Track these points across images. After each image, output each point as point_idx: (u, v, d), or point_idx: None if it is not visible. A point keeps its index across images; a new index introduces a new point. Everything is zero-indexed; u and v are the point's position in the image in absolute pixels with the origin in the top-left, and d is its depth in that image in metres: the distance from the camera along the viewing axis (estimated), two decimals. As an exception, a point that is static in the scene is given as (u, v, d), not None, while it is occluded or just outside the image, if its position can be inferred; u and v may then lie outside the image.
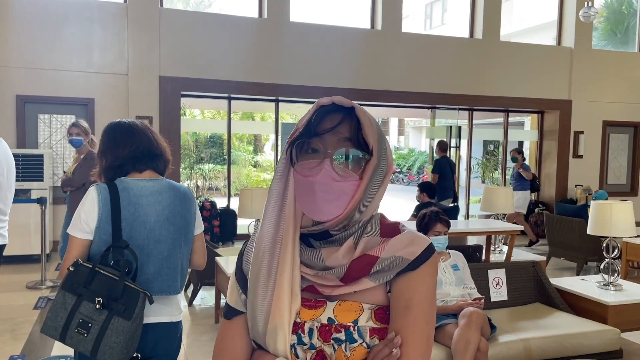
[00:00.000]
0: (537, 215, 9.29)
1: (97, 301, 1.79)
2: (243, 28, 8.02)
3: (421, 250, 0.97)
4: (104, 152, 2.03)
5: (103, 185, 1.95)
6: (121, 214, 1.91)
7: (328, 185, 0.93)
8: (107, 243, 1.89)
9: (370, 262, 0.96)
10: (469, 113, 9.90)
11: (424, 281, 0.97)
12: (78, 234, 1.91)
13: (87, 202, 1.92)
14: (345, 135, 0.96)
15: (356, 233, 0.99)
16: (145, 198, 1.96)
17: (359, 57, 8.56)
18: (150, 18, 7.51)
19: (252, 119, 15.42)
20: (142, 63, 7.51)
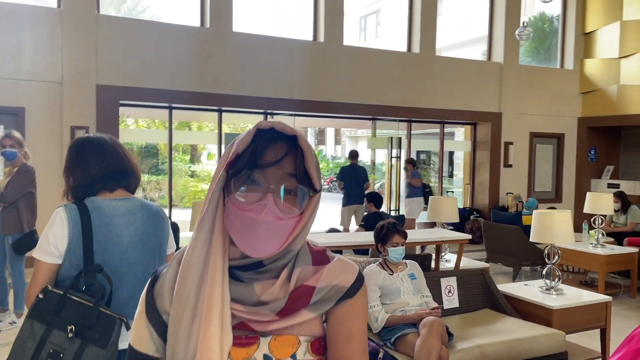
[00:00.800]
0: (472, 222, 9.71)
1: (69, 329, 1.68)
2: (185, 37, 7.87)
3: (354, 277, 0.98)
4: (70, 169, 1.92)
5: (72, 205, 1.83)
6: (93, 235, 1.80)
7: (271, 224, 0.89)
8: (77, 267, 1.78)
9: (307, 292, 0.93)
10: (407, 124, 10.21)
11: (362, 308, 0.99)
12: (46, 258, 1.79)
13: (56, 224, 1.80)
14: (290, 171, 0.91)
15: (289, 263, 0.95)
16: (117, 218, 1.86)
17: (302, 69, 8.62)
18: (86, 24, 7.21)
19: (188, 129, 15.11)
20: (77, 71, 7.18)
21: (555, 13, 11.62)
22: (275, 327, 0.93)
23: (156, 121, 13.66)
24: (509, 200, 10.07)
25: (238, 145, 0.92)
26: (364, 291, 1.00)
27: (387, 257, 3.49)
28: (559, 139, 11.04)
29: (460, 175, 15.12)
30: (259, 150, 0.91)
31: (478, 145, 10.55)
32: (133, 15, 10.94)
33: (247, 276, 0.93)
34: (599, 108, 10.71)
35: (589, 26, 10.79)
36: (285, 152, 0.91)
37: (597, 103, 10.73)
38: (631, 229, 7.41)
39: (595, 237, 6.11)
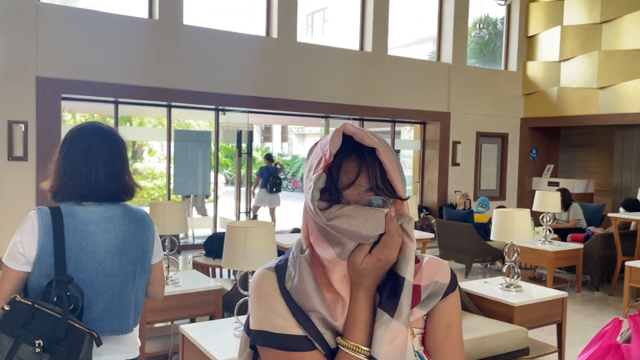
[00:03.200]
0: (422, 219, 9.88)
1: (37, 344, 1.54)
2: (132, 29, 7.53)
3: (449, 273, 1.05)
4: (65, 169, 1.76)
5: (45, 209, 1.70)
6: (65, 243, 1.66)
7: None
8: (48, 276, 1.65)
9: (416, 291, 1.00)
10: (359, 123, 10.25)
11: (458, 302, 1.07)
12: (13, 264, 1.66)
13: (26, 229, 1.68)
14: (366, 186, 0.93)
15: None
16: (94, 225, 1.73)
17: (255, 65, 8.47)
18: (25, 12, 6.75)
19: (129, 124, 14.56)
20: (15, 61, 6.72)
21: (500, 16, 12.02)
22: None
23: (95, 115, 13.08)
24: (457, 198, 10.33)
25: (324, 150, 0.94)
26: (458, 286, 1.09)
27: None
28: (503, 138, 11.43)
29: (407, 173, 15.42)
30: (336, 174, 0.93)
31: (427, 144, 10.76)
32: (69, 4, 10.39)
33: None
34: (540, 109, 11.17)
35: (532, 30, 11.23)
36: (358, 170, 0.93)
37: (539, 104, 11.19)
38: (573, 225, 7.77)
39: (542, 233, 6.34)
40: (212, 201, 9.41)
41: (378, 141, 0.93)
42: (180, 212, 3.91)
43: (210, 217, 9.34)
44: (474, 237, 6.81)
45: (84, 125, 1.84)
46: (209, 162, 8.98)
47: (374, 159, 0.93)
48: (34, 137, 6.84)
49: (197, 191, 9.43)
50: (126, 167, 1.85)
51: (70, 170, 1.74)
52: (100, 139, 1.79)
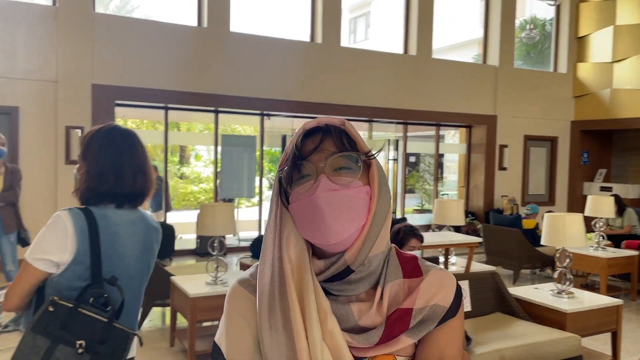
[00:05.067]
0: (467, 224, 9.72)
1: (78, 345, 1.56)
2: (182, 36, 7.76)
3: (453, 292, 0.89)
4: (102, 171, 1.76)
5: (77, 210, 1.69)
6: (101, 246, 1.68)
7: (331, 196, 0.82)
8: (82, 278, 1.65)
9: (404, 316, 0.85)
10: (403, 127, 10.20)
11: (460, 330, 0.90)
12: (39, 264, 1.65)
13: (58, 231, 1.65)
14: (332, 150, 0.86)
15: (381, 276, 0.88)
16: (123, 228, 1.75)
17: (299, 70, 8.57)
18: (82, 23, 7.07)
19: (177, 129, 14.96)
20: (73, 70, 7.04)
21: (548, 17, 11.72)
22: (373, 353, 0.86)
23: (145, 122, 13.49)
24: (504, 203, 10.11)
25: (286, 149, 0.91)
26: (462, 309, 0.90)
27: (403, 260, 3.44)
28: (552, 142, 11.12)
29: (451, 177, 15.20)
30: (298, 143, 0.88)
31: (473, 147, 10.59)
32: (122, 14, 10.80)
33: (335, 287, 0.86)
34: (591, 111, 10.81)
35: (582, 30, 10.89)
36: (322, 137, 0.88)
37: (590, 106, 10.83)
38: (627, 231, 7.47)
39: (594, 240, 6.13)
40: (257, 204, 9.55)
41: (344, 120, 0.90)
42: (228, 213, 4.01)
43: (255, 219, 9.48)
44: (522, 242, 6.65)
45: (105, 127, 1.82)
46: (254, 166, 9.14)
47: (340, 130, 0.89)
48: (89, 142, 7.13)
49: (242, 194, 9.61)
50: (150, 167, 1.86)
51: (100, 173, 1.74)
52: (125, 141, 1.80)
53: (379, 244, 0.86)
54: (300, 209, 0.85)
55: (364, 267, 0.85)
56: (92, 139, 1.80)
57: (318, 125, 0.89)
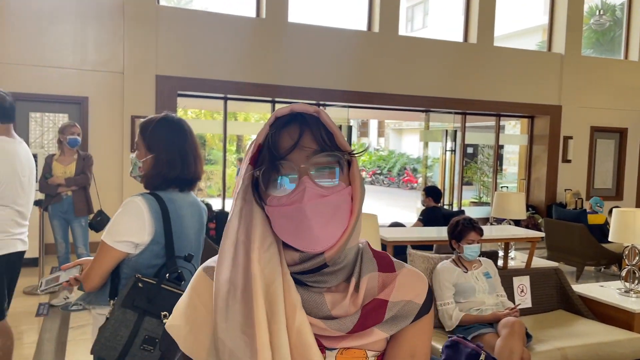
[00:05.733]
0: (528, 218, 9.42)
1: (163, 315, 1.73)
2: (241, 27, 7.89)
3: (426, 290, 0.89)
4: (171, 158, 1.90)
5: (149, 196, 1.85)
6: (171, 226, 1.85)
7: (319, 204, 0.78)
8: (158, 256, 1.84)
9: (380, 307, 0.83)
10: (461, 117, 9.97)
11: (430, 327, 0.90)
12: (119, 245, 1.80)
13: (135, 215, 1.81)
14: (313, 147, 0.81)
15: (355, 268, 0.86)
16: (185, 209, 1.92)
17: (356, 59, 8.53)
18: (147, 15, 7.32)
19: (235, 119, 15.27)
20: (138, 61, 7.31)
21: (618, 2, 11.09)
22: (345, 344, 0.84)
23: (203, 111, 13.84)
24: (568, 197, 9.72)
25: (258, 136, 0.84)
26: (432, 307, 0.92)
27: (461, 254, 3.39)
28: (622, 133, 10.56)
29: (511, 170, 14.74)
30: (273, 139, 0.82)
31: (535, 139, 10.21)
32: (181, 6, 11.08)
33: (310, 279, 0.83)
34: (666, 102, 10.18)
35: (658, 15, 10.24)
36: (300, 132, 0.82)
37: (664, 96, 10.19)
38: None
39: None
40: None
41: (318, 109, 0.84)
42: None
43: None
44: (588, 238, 6.37)
45: (166, 117, 1.95)
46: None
47: (317, 122, 0.83)
48: (153, 131, 7.41)
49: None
50: (200, 154, 2.01)
51: (170, 160, 1.88)
52: (186, 130, 1.95)
53: (354, 239, 0.85)
54: (280, 215, 0.81)
55: (339, 260, 0.83)
56: (158, 128, 1.93)
57: (292, 113, 0.84)
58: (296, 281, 0.83)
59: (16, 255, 3.02)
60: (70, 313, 4.78)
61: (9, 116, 3.00)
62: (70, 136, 4.95)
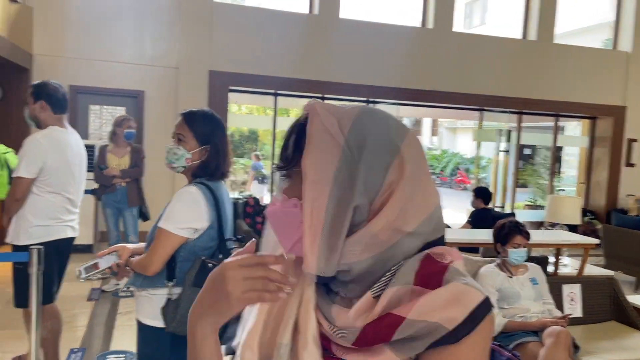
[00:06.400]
0: (585, 224, 8.99)
1: None
2: (293, 23, 7.93)
3: (466, 314, 0.70)
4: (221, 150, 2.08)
5: (202, 186, 2.03)
6: (221, 212, 2.06)
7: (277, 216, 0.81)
8: (213, 239, 2.03)
9: (392, 324, 0.71)
10: (517, 116, 9.63)
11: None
12: (180, 232, 1.97)
13: (194, 203, 1.99)
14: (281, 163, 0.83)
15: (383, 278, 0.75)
16: (226, 197, 2.13)
17: (408, 56, 8.39)
18: (202, 12, 7.48)
19: (287, 115, 15.42)
20: (192, 57, 7.48)
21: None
22: (351, 357, 0.75)
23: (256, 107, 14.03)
24: (631, 203, 9.20)
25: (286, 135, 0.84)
26: (478, 338, 0.71)
27: (506, 258, 3.26)
28: (693, 137, 9.87)
29: (569, 172, 14.12)
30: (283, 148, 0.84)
31: (597, 141, 9.72)
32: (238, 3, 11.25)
33: (333, 286, 0.80)
34: None
35: None
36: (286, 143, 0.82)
37: None
38: None
39: None
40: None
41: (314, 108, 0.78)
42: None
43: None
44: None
45: (207, 112, 2.12)
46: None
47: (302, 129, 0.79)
48: (204, 125, 7.57)
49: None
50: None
51: (222, 153, 2.08)
52: (223, 125, 2.13)
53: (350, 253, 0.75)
54: None
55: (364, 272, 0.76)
56: (206, 122, 2.08)
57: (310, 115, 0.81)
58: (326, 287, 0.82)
59: (66, 241, 3.16)
60: (119, 299, 4.96)
61: (62, 107, 3.13)
62: (127, 129, 5.14)
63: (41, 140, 3.00)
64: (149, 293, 2.01)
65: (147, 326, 2.03)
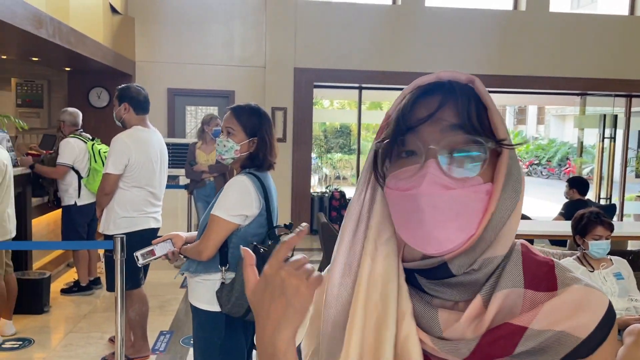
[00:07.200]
0: None
1: None
2: (376, 16, 7.89)
3: (597, 320, 0.64)
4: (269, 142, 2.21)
5: (252, 176, 2.16)
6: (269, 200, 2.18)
7: (438, 198, 0.63)
8: (262, 225, 2.16)
9: (513, 334, 0.64)
10: (626, 100, 8.82)
11: None
12: (236, 219, 2.11)
13: (245, 192, 2.12)
14: (452, 122, 0.66)
15: (490, 280, 0.67)
16: (272, 186, 2.24)
17: (498, 41, 8.01)
18: (286, 10, 7.69)
19: (380, 109, 15.35)
20: (278, 55, 7.72)
21: None
22: None
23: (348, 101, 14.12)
24: None
25: (391, 109, 0.72)
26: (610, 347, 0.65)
27: (586, 251, 3.04)
28: None
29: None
30: (406, 107, 0.68)
31: None
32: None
33: (430, 287, 0.69)
34: None
35: None
36: (440, 101, 0.67)
37: None
38: None
39: None
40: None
41: (474, 77, 0.69)
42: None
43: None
44: None
45: (254, 106, 2.25)
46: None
47: (469, 94, 0.67)
48: (290, 121, 7.80)
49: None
50: None
51: (266, 145, 2.20)
52: (269, 118, 2.25)
53: (495, 248, 0.67)
54: (396, 201, 0.68)
55: (471, 271, 0.67)
56: (254, 115, 2.21)
57: (438, 81, 0.69)
58: (412, 282, 0.70)
59: (149, 232, 3.43)
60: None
61: (144, 108, 3.40)
62: (216, 127, 5.44)
63: (126, 139, 3.29)
64: (202, 278, 2.14)
65: (202, 310, 2.16)
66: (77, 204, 4.62)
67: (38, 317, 4.33)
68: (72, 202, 4.62)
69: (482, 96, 0.68)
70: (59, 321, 4.41)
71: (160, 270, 5.76)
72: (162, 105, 7.57)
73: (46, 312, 4.45)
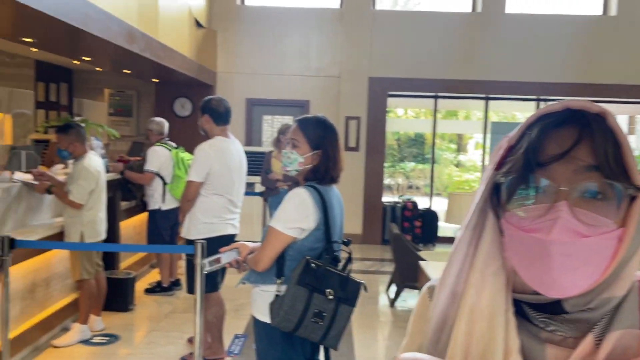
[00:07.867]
0: None
1: (328, 292, 2.01)
2: (453, 24, 7.76)
3: None
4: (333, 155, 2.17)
5: (312, 189, 2.12)
6: (328, 215, 2.13)
7: (571, 245, 0.59)
8: (319, 240, 2.12)
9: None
10: None
11: None
12: (291, 232, 2.09)
13: (303, 205, 2.09)
14: (588, 162, 0.61)
15: (604, 319, 0.64)
16: (334, 200, 2.19)
17: (584, 47, 7.63)
18: (362, 20, 7.74)
19: (455, 118, 15.03)
20: (353, 65, 7.78)
21: None
22: None
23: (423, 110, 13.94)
24: None
25: (511, 137, 0.67)
26: None
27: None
28: None
29: None
30: (535, 140, 0.63)
31: None
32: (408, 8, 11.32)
33: (540, 319, 0.66)
34: None
35: None
36: (577, 138, 0.62)
37: None
38: None
39: None
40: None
41: (605, 108, 0.63)
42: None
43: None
44: None
45: (320, 118, 2.22)
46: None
47: (604, 129, 0.62)
48: (364, 131, 7.82)
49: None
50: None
51: (334, 158, 2.17)
52: (335, 131, 2.22)
53: (614, 289, 0.64)
54: (517, 239, 0.64)
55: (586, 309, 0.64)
56: (320, 128, 2.20)
57: (566, 109, 0.64)
58: (518, 311, 0.67)
59: (228, 238, 3.56)
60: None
61: (224, 119, 3.55)
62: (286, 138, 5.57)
63: (207, 149, 3.45)
64: (261, 289, 2.16)
65: (259, 321, 2.17)
66: (161, 208, 4.88)
67: (124, 315, 4.61)
68: (157, 206, 4.88)
69: (615, 133, 0.62)
70: (143, 319, 4.68)
71: (238, 275, 5.96)
72: (241, 114, 7.83)
73: (131, 310, 4.73)
